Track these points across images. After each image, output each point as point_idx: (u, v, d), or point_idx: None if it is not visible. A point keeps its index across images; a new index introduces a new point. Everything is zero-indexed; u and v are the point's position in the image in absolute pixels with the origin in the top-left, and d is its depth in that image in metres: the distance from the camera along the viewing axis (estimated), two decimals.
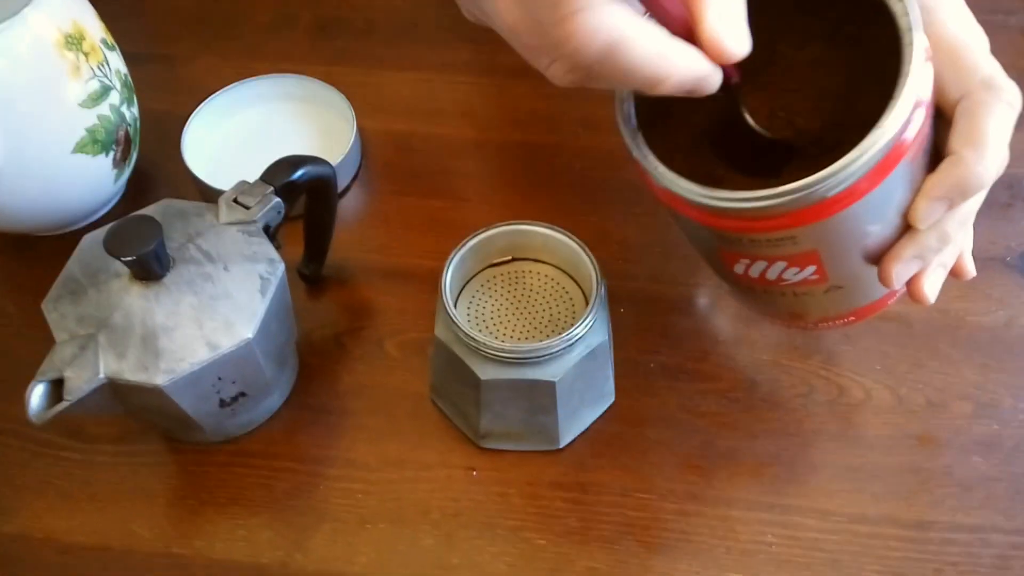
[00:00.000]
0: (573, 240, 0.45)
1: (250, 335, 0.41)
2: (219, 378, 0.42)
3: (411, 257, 0.55)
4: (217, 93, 0.60)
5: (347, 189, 0.59)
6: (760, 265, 0.36)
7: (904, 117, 0.31)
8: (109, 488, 0.46)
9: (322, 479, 0.46)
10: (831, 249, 0.35)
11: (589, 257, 0.45)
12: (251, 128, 0.61)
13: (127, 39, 0.55)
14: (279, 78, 0.61)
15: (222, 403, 0.44)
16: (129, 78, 0.55)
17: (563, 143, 0.61)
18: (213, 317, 0.41)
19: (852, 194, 0.32)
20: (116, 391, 0.41)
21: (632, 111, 0.36)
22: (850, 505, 0.45)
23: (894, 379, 0.49)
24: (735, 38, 0.30)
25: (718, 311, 0.52)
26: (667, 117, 0.37)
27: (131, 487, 0.46)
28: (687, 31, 0.30)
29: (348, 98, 0.59)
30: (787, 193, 0.32)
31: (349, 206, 0.58)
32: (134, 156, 0.56)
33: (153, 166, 0.60)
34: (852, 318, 0.40)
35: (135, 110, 0.55)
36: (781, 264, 0.36)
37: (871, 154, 0.31)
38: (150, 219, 0.40)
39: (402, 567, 0.43)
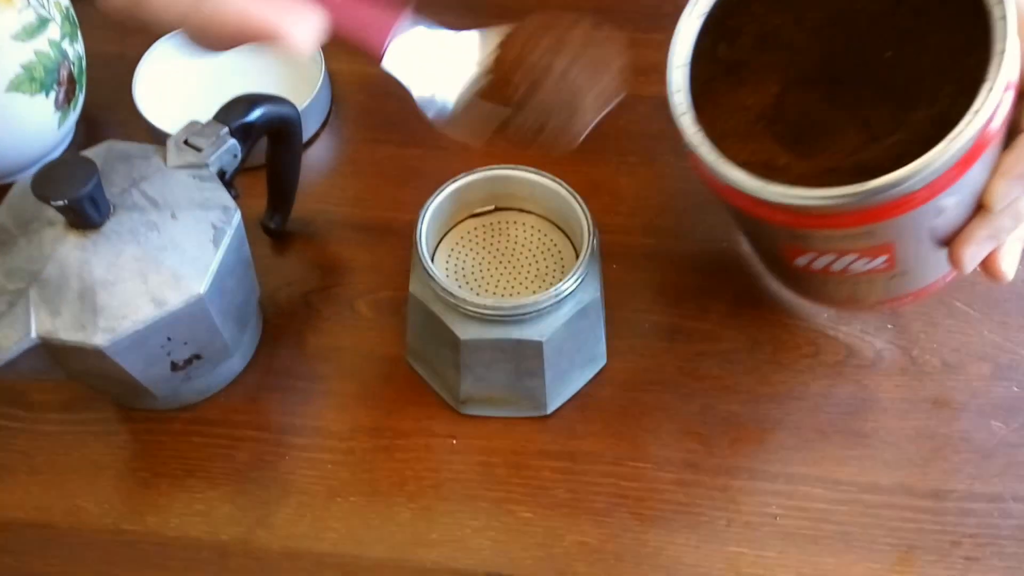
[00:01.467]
0: (563, 187, 0.41)
1: (201, 290, 0.37)
2: (168, 338, 0.38)
3: (385, 210, 0.51)
4: (172, 32, 0.55)
5: (316, 136, 0.54)
6: (827, 258, 0.35)
7: (996, 101, 0.30)
8: (53, 460, 0.42)
9: (288, 449, 0.42)
10: (906, 239, 0.33)
11: (581, 205, 0.41)
12: (210, 70, 0.56)
13: None
14: None
15: (174, 366, 0.40)
16: (72, 12, 0.50)
17: None
18: (159, 270, 0.37)
19: (938, 185, 0.31)
20: (52, 353, 0.36)
21: (687, 95, 0.35)
22: (861, 474, 0.42)
23: (907, 339, 0.46)
24: None
25: (718, 266, 0.49)
26: (716, 100, 0.36)
27: (77, 458, 0.42)
28: None
29: None
30: (876, 191, 0.30)
31: (318, 155, 0.54)
32: (80, 99, 0.51)
33: (105, 111, 0.55)
34: (910, 299, 0.39)
35: (80, 47, 0.50)
36: (851, 257, 0.34)
37: (963, 143, 0.29)
38: (84, 159, 0.36)
39: (376, 544, 0.40)
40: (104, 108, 0.55)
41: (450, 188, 0.41)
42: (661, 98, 0.58)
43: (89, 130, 0.55)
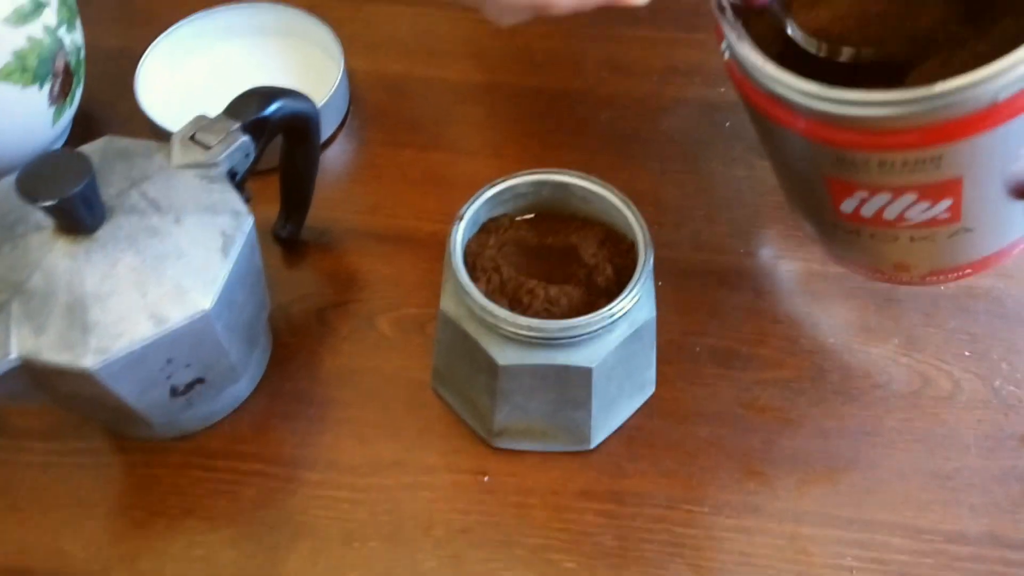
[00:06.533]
0: (615, 195, 0.37)
1: (207, 306, 0.32)
2: (168, 360, 0.33)
3: (408, 219, 0.47)
4: (179, 24, 0.51)
5: (332, 138, 0.50)
6: (880, 200, 0.30)
7: None
8: (35, 495, 0.38)
9: (299, 485, 0.38)
10: (978, 176, 0.29)
11: (635, 215, 0.36)
12: (219, 67, 0.52)
13: None
14: (253, 7, 0.52)
15: (174, 391, 0.35)
16: None
17: (587, 89, 0.52)
18: (160, 282, 0.32)
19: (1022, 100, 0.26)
20: (34, 375, 0.32)
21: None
22: (945, 520, 0.37)
23: (987, 367, 0.42)
24: None
25: (776, 283, 0.44)
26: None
27: (62, 494, 0.38)
28: None
29: (336, 33, 0.50)
30: (948, 94, 0.25)
31: (335, 158, 0.50)
32: (78, 93, 0.47)
33: (105, 107, 0.51)
34: (969, 270, 0.34)
35: (78, 36, 0.46)
36: (909, 197, 0.29)
37: None
38: (77, 154, 0.31)
39: None
40: (105, 104, 0.51)
41: (490, 192, 0.37)
42: (705, 101, 0.54)
43: (88, 127, 0.51)
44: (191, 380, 0.35)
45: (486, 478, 0.38)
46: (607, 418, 0.38)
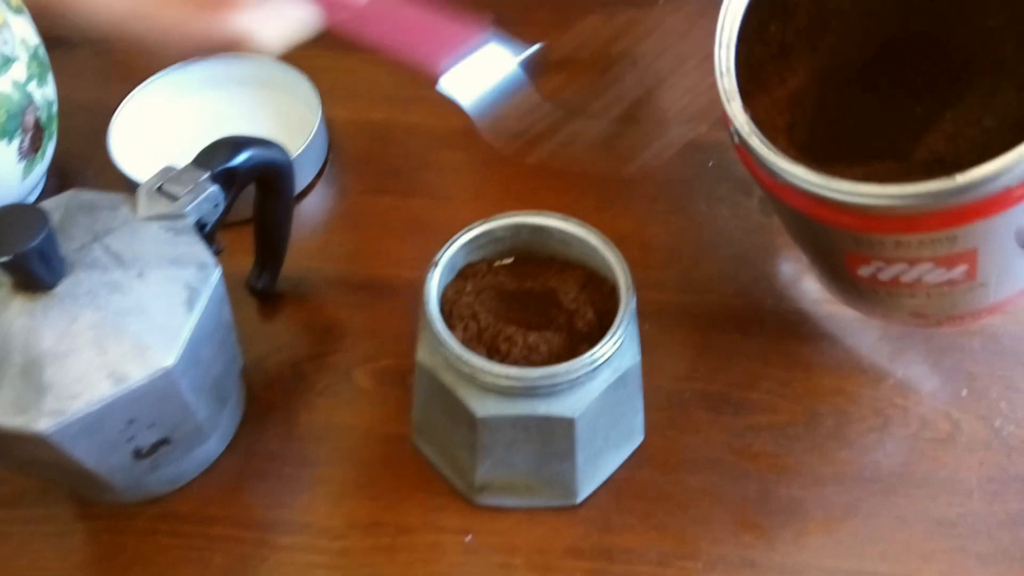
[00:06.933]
0: (596, 235, 0.36)
1: (170, 362, 0.31)
2: (130, 421, 0.32)
3: (387, 267, 0.45)
4: (155, 76, 0.51)
5: (311, 187, 0.49)
6: (897, 268, 0.30)
7: None
8: None
9: (272, 551, 0.36)
10: (992, 245, 0.29)
11: (616, 256, 0.35)
12: (196, 118, 0.51)
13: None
14: (230, 59, 0.52)
15: (138, 453, 0.34)
16: (43, 51, 0.45)
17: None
18: (120, 339, 0.31)
19: None
20: None
21: (733, 79, 0.30)
22: (952, 571, 0.35)
23: (986, 407, 0.40)
24: None
25: (766, 324, 0.43)
26: (765, 87, 0.33)
27: (23, 567, 0.36)
28: None
29: (314, 83, 0.50)
30: (966, 188, 0.25)
31: (312, 207, 0.49)
32: (49, 148, 0.46)
33: (79, 162, 0.50)
34: (985, 314, 0.34)
35: (50, 91, 0.46)
36: (926, 266, 0.30)
37: None
38: (33, 208, 0.30)
39: None
40: (78, 158, 0.50)
41: (466, 237, 0.36)
42: (688, 141, 0.54)
43: (63, 181, 0.50)
44: (156, 441, 0.34)
45: (468, 537, 0.36)
46: (594, 470, 0.37)
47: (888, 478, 0.38)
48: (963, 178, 0.26)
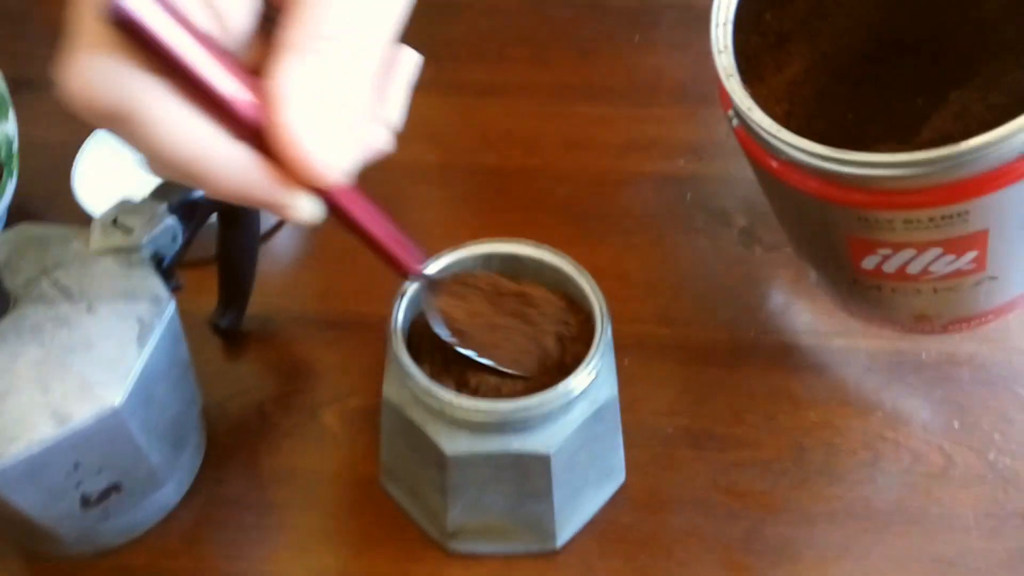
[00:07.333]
0: (570, 263, 0.34)
1: (117, 401, 0.29)
2: (76, 465, 0.30)
3: (356, 303, 0.44)
4: None
5: (281, 224, 0.48)
6: (904, 256, 0.29)
7: None
8: None
9: None
10: (1004, 227, 0.28)
11: (589, 283, 0.34)
12: None
13: (11, 63, 0.46)
14: None
15: (86, 501, 0.31)
16: (3, 86, 0.44)
17: (543, 166, 0.51)
18: (64, 377, 0.29)
19: None
20: None
21: (731, 56, 0.30)
22: None
23: (978, 439, 0.39)
24: (328, 149, 0.20)
25: (749, 356, 0.42)
26: (763, 76, 0.32)
27: None
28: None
29: None
30: (975, 151, 0.25)
31: (283, 244, 0.47)
32: (9, 186, 0.45)
33: (42, 202, 0.49)
34: (991, 316, 0.33)
35: (10, 128, 0.44)
36: (934, 252, 0.29)
37: None
38: None
39: None
40: (42, 198, 0.49)
41: (435, 266, 0.34)
42: (664, 174, 0.53)
43: (25, 221, 0.48)
44: (105, 487, 0.32)
45: None
46: (573, 511, 0.35)
47: (881, 515, 0.36)
48: (973, 141, 0.25)
